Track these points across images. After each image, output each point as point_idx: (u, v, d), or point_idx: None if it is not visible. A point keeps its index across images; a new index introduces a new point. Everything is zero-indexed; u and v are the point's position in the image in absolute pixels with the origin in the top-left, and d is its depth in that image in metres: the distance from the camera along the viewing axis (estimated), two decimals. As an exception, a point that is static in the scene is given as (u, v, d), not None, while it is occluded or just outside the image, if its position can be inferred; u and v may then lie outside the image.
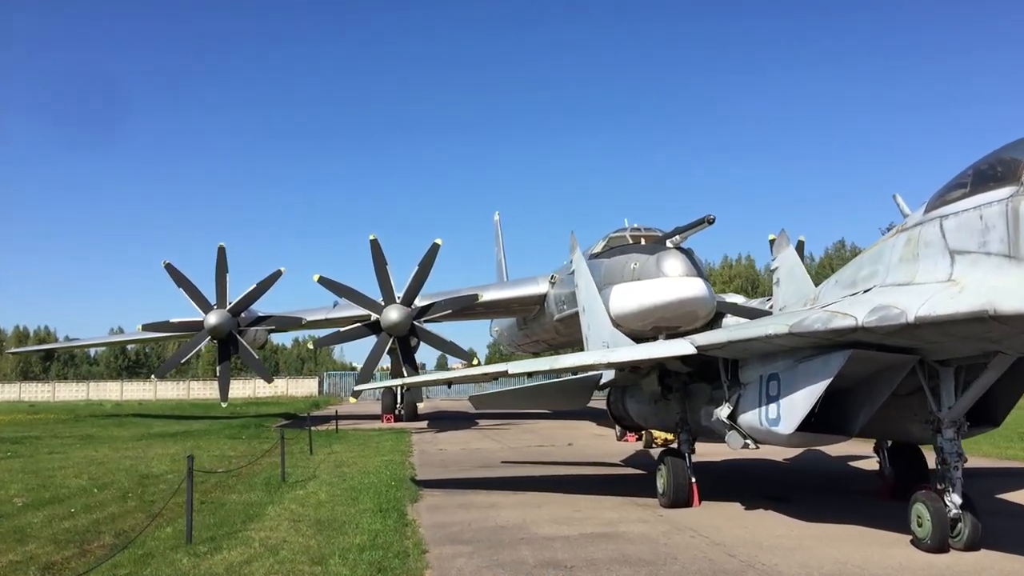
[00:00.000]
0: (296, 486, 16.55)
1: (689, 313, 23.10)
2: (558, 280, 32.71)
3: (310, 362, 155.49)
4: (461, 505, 14.04)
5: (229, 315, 34.50)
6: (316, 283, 32.23)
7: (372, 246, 32.74)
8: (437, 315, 33.08)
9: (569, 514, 12.86)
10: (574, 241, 20.84)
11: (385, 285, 32.84)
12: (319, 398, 71.51)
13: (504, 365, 13.53)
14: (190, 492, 11.14)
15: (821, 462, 19.87)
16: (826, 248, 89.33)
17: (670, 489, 12.99)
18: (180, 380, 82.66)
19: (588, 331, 18.45)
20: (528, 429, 32.81)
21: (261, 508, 13.82)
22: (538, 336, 39.66)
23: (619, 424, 18.51)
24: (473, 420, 40.15)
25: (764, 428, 11.03)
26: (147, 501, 15.03)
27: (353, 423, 36.49)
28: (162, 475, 18.86)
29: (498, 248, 63.20)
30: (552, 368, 13.34)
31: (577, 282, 19.59)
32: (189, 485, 11.11)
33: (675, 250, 23.66)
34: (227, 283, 35.08)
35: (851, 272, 10.71)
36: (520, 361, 14.33)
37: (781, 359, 10.68)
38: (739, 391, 11.80)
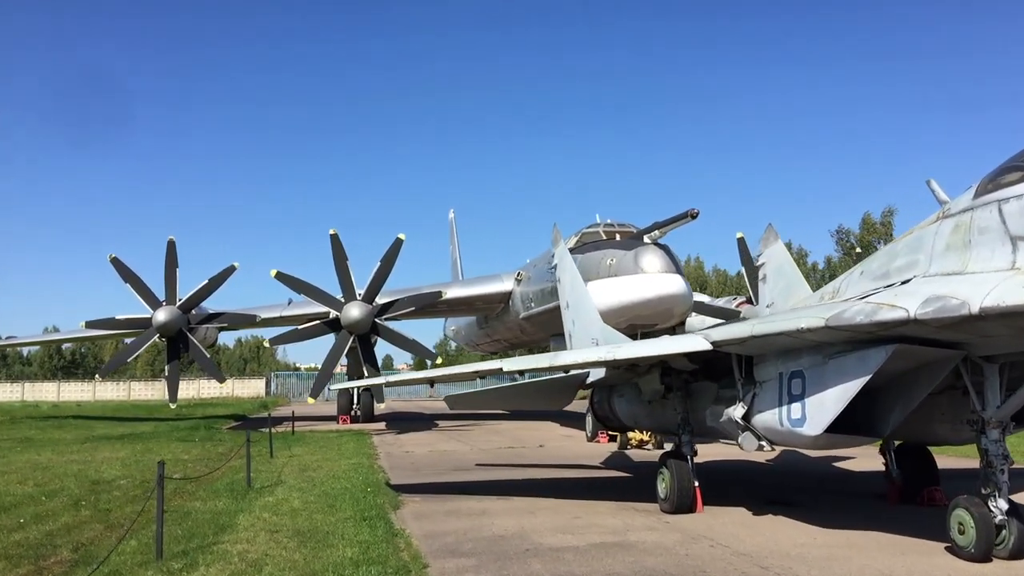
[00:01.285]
0: (264, 492, 15.47)
1: (667, 311, 22.48)
2: (525, 277, 31.90)
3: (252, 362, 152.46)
4: (449, 512, 13.12)
5: (179, 312, 32.92)
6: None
7: (332, 241, 31.50)
8: (399, 313, 31.95)
9: (568, 521, 12.04)
10: (557, 234, 20.02)
11: (345, 281, 31.61)
12: (267, 399, 69.57)
13: (498, 362, 12.70)
14: (160, 503, 10.04)
15: (805, 464, 19.40)
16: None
17: (673, 494, 12.24)
18: (120, 381, 79.73)
19: (572, 328, 17.65)
20: (492, 430, 31.93)
21: (231, 517, 12.74)
22: (500, 335, 38.76)
23: (604, 425, 17.76)
24: (432, 421, 39.20)
25: (785, 429, 10.33)
26: (102, 510, 13.83)
27: (308, 424, 35.21)
28: (114, 481, 17.58)
29: (453, 247, 62.23)
30: (552, 365, 12.53)
31: (560, 277, 18.78)
32: (160, 495, 10.01)
33: (653, 246, 23.02)
34: (177, 278, 33.49)
35: (882, 262, 10.05)
36: (514, 359, 13.53)
37: (806, 355, 9.99)
38: (754, 390, 11.09)
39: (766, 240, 17.60)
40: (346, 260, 31.62)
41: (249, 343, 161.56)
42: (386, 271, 31.37)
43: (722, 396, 12.17)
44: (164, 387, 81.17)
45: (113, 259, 33.42)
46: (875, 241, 66.67)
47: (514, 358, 15.90)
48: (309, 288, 31.71)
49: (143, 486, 16.65)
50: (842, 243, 71.76)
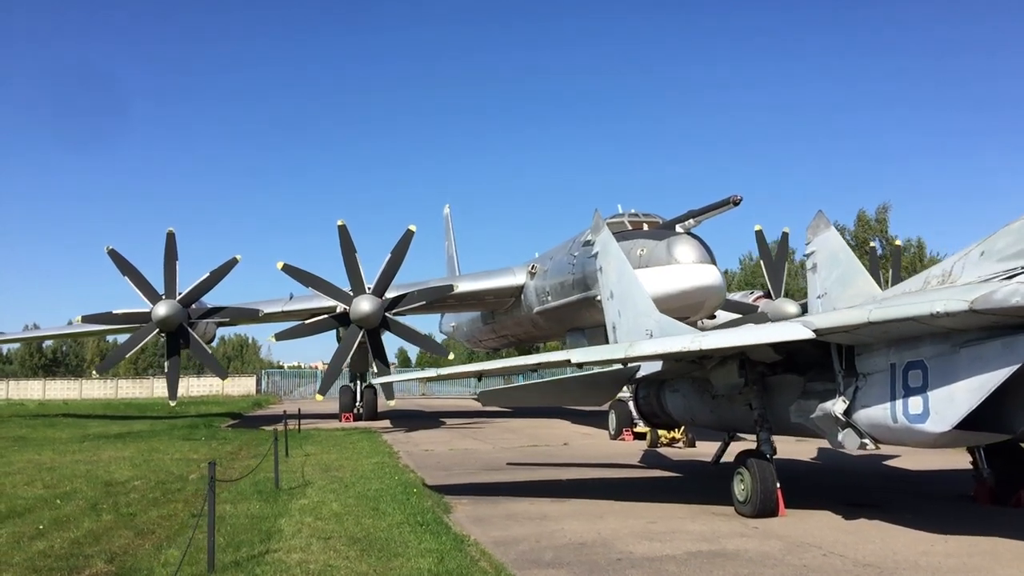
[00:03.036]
0: (295, 494, 14.43)
1: (700, 303, 21.57)
2: (539, 271, 30.87)
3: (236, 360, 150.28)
4: (508, 516, 12.13)
5: (179, 306, 31.68)
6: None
7: (340, 232, 30.35)
8: (410, 307, 30.84)
9: (645, 526, 11.08)
10: (599, 220, 18.96)
11: (354, 274, 30.47)
12: (259, 396, 68.23)
13: (564, 353, 11.75)
14: (212, 509, 8.97)
15: (848, 461, 18.48)
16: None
17: (756, 496, 11.28)
18: (107, 378, 77.97)
19: (618, 319, 16.65)
20: (504, 428, 30.88)
21: (271, 522, 11.71)
22: (508, 331, 37.74)
23: (648, 422, 16.80)
24: (436, 419, 38.11)
25: (900, 426, 9.39)
26: (124, 514, 12.74)
27: (310, 422, 34.07)
28: (128, 482, 16.45)
29: (449, 242, 61.11)
30: (627, 356, 11.56)
31: (601, 265, 17.76)
32: (211, 500, 8.95)
33: (687, 235, 22.11)
34: (177, 271, 32.26)
35: (1009, 242, 9.08)
36: (582, 350, 12.62)
37: (928, 344, 9.06)
38: (856, 383, 10.16)
39: (815, 228, 16.69)
40: (355, 252, 30.49)
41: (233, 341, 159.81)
42: (397, 263, 30.28)
43: (811, 390, 11.23)
44: (152, 385, 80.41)
45: (110, 251, 32.16)
46: (871, 238, 66.05)
47: (581, 349, 14.91)
48: (317, 281, 30.56)
49: (160, 488, 15.60)
50: (838, 240, 71.15)
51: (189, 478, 17.14)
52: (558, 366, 12.38)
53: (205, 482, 16.26)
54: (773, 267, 31.77)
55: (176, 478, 17.07)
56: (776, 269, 31.77)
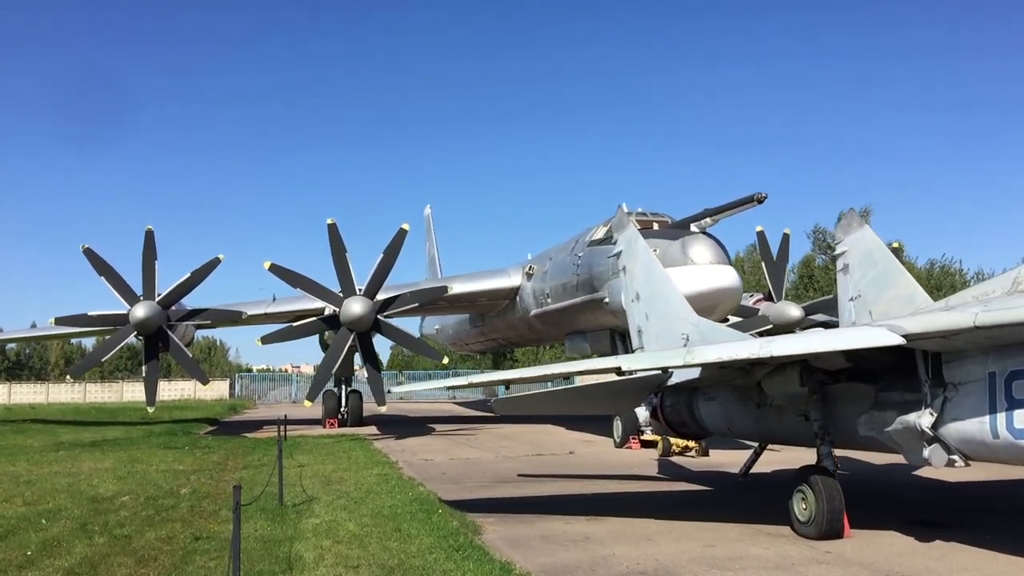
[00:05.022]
0: (302, 512, 13.28)
1: (716, 305, 20.63)
2: (537, 271, 29.81)
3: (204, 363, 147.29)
4: (546, 538, 11.08)
5: (159, 308, 30.19)
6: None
7: (330, 231, 29.08)
8: (402, 309, 29.60)
9: (703, 550, 10.09)
10: (623, 216, 17.90)
11: (345, 275, 29.18)
12: (234, 401, 66.50)
13: (614, 360, 10.76)
14: (237, 540, 7.79)
15: (881, 473, 17.64)
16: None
17: (822, 517, 10.32)
18: (75, 383, 75.55)
19: (645, 323, 15.62)
20: (500, 435, 29.81)
21: (287, 547, 10.57)
22: (499, 334, 36.64)
23: (675, 432, 15.80)
24: (424, 424, 37.02)
25: (1002, 441, 8.47)
26: (119, 536, 11.53)
27: (294, 429, 32.77)
28: (114, 498, 15.16)
29: (430, 243, 59.96)
30: (687, 363, 10.58)
31: (626, 265, 16.75)
32: (236, 527, 7.77)
33: (702, 235, 21.19)
34: (155, 271, 30.79)
35: None
36: (635, 356, 11.68)
37: (1038, 350, 8.18)
38: (945, 393, 9.24)
39: (846, 226, 15.82)
40: (345, 252, 29.22)
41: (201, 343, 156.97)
42: (389, 264, 29.04)
43: (885, 400, 10.29)
44: (121, 388, 78.25)
45: (86, 250, 30.61)
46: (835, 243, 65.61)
47: (634, 355, 13.94)
48: (306, 282, 29.26)
49: (151, 504, 14.35)
50: (819, 243, 70.99)
51: (180, 492, 15.90)
52: (605, 373, 11.40)
53: (199, 498, 15.28)
54: (774, 269, 31.02)
55: (166, 493, 15.82)
56: (777, 271, 31.03)
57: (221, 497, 15.15)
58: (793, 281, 62.63)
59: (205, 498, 15.10)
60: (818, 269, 67.68)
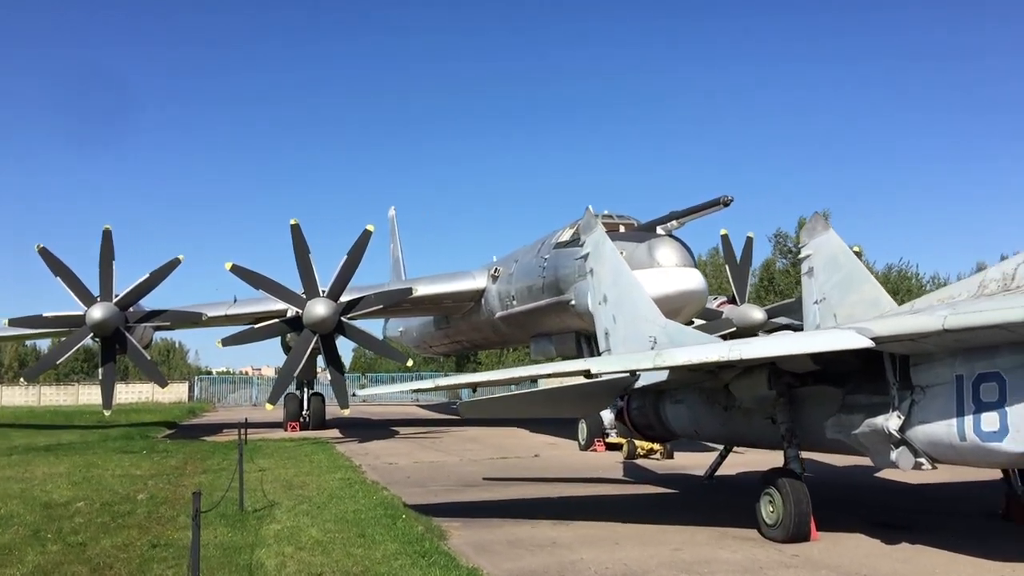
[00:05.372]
0: (263, 518, 13.01)
1: (682, 308, 20.64)
2: (503, 274, 29.67)
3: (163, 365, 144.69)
4: (511, 543, 10.96)
5: (116, 309, 29.51)
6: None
7: (293, 231, 28.68)
8: (366, 311, 29.27)
9: (672, 555, 10.02)
10: (590, 217, 17.82)
11: (308, 276, 28.78)
12: (193, 404, 65.48)
13: (582, 363, 10.65)
14: (196, 546, 7.55)
15: (843, 476, 17.74)
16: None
17: (788, 519, 10.31)
18: (28, 385, 73.87)
19: (613, 325, 15.56)
20: (464, 437, 29.62)
21: (248, 554, 10.34)
22: (464, 336, 36.44)
23: (641, 435, 15.76)
24: (387, 427, 36.72)
25: (969, 444, 8.51)
26: (73, 544, 11.21)
27: (254, 432, 32.27)
28: (69, 504, 14.76)
29: (394, 245, 59.48)
30: (656, 366, 10.51)
31: (592, 267, 16.68)
32: (195, 535, 7.53)
33: (668, 237, 21.21)
34: (113, 272, 30.12)
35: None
36: (604, 359, 11.59)
37: (1007, 354, 8.19)
38: (912, 396, 9.26)
39: (811, 230, 15.94)
40: (308, 253, 28.85)
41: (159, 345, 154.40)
42: (353, 265, 28.70)
43: (852, 403, 10.30)
44: (77, 391, 76.66)
45: (41, 249, 29.85)
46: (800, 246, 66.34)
47: (603, 357, 13.85)
48: (269, 283, 28.82)
49: (107, 511, 13.99)
50: (780, 247, 71.72)
51: (137, 498, 15.53)
52: (574, 375, 11.29)
53: (156, 503, 14.93)
54: (738, 272, 31.21)
55: (123, 498, 15.44)
56: (741, 274, 31.22)
57: (179, 503, 14.84)
58: (754, 284, 63.16)
59: (163, 504, 14.77)
60: (779, 273, 68.38)
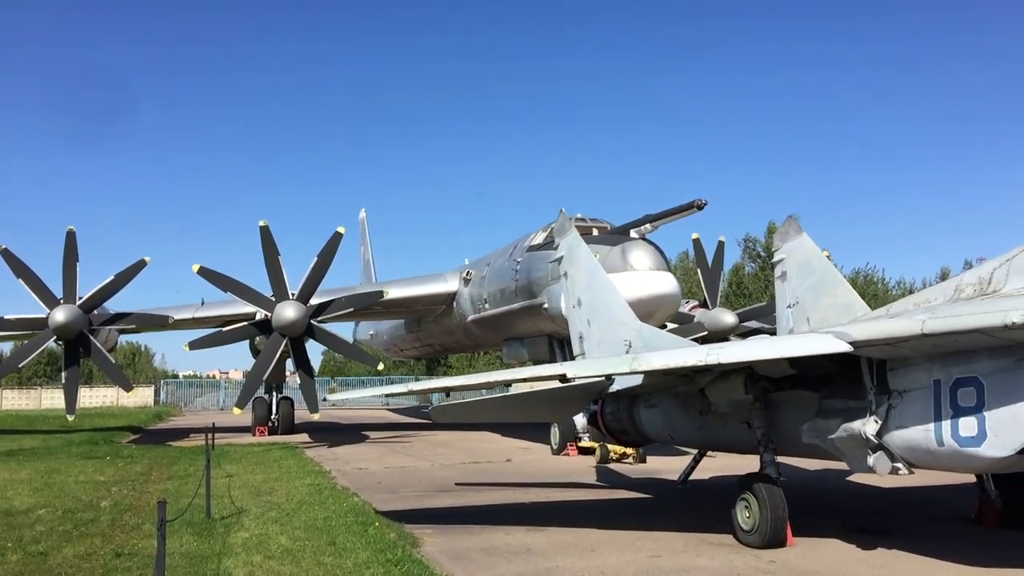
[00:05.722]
0: (230, 525, 12.73)
1: (656, 311, 20.58)
2: (475, 277, 29.49)
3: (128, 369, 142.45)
4: (486, 550, 10.79)
5: (80, 311, 28.96)
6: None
7: (262, 233, 28.31)
8: (336, 314, 28.96)
9: (650, 562, 9.91)
10: (564, 220, 17.70)
11: (277, 279, 28.41)
12: (159, 408, 64.56)
13: (559, 367, 10.52)
14: (161, 555, 7.32)
15: (817, 480, 17.76)
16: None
17: (765, 525, 10.23)
18: (-15, 389, 72.49)
19: (587, 329, 15.45)
20: (434, 442, 29.37)
21: (215, 563, 10.08)
22: (436, 339, 36.21)
23: (615, 440, 15.66)
24: (357, 432, 36.35)
25: (947, 449, 8.49)
26: (34, 553, 10.89)
27: (221, 437, 31.76)
28: (30, 511, 14.39)
29: (364, 247, 59.09)
30: (633, 370, 10.41)
31: (567, 270, 16.56)
32: (161, 544, 7.29)
33: (642, 241, 21.16)
34: (77, 274, 29.56)
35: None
36: (581, 363, 11.46)
37: (985, 359, 8.18)
38: (890, 401, 9.23)
39: (784, 234, 15.96)
40: (278, 255, 28.49)
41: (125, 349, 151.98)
42: (323, 268, 28.38)
43: (829, 408, 10.27)
44: (40, 395, 75.35)
45: (3, 251, 29.22)
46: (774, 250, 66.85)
47: (580, 362, 13.72)
48: (237, 286, 28.42)
49: (70, 518, 13.63)
50: (749, 251, 72.22)
51: (101, 505, 15.17)
52: (550, 380, 11.16)
53: (120, 511, 14.58)
54: (709, 276, 31.31)
55: (86, 506, 15.07)
56: (712, 278, 31.33)
57: (144, 510, 14.51)
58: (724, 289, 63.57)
59: (127, 511, 14.44)
60: (748, 277, 68.90)
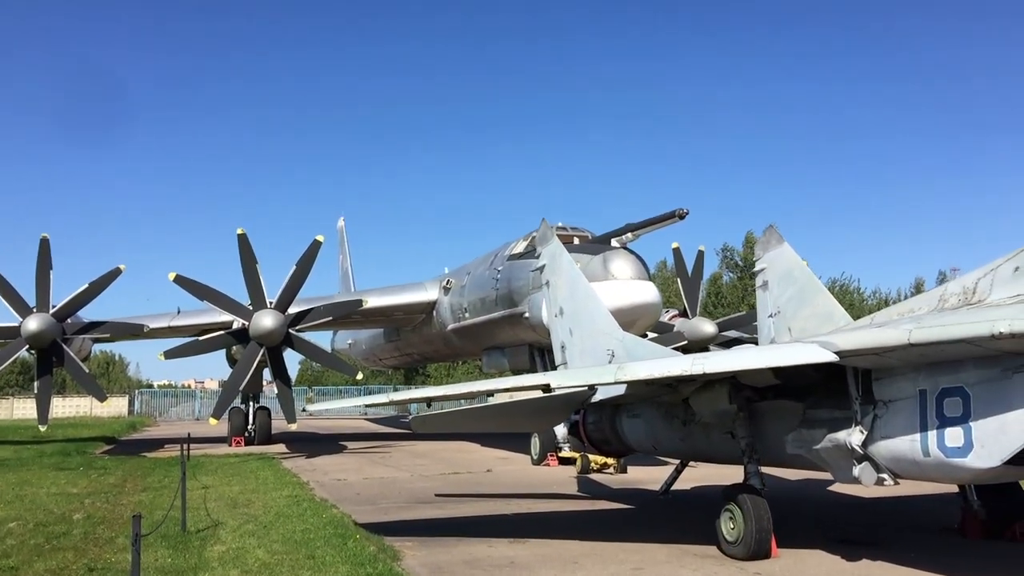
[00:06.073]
0: (206, 538, 12.49)
1: (637, 320, 20.53)
2: (455, 286, 29.33)
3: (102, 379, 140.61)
4: (469, 563, 10.63)
5: (53, 320, 28.49)
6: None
7: (240, 241, 28.02)
8: (315, 323, 28.72)
9: (632, 574, 9.80)
10: (547, 229, 17.62)
11: (255, 287, 28.12)
12: (133, 418, 63.74)
13: (542, 377, 10.40)
14: (136, 572, 7.12)
15: (799, 490, 17.74)
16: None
17: (750, 536, 10.14)
18: (-42, 399, 71.40)
19: (569, 338, 15.35)
20: (413, 452, 29.21)
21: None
22: (415, 348, 35.99)
23: (597, 450, 15.55)
24: (334, 442, 36.09)
25: (933, 460, 8.44)
26: (4, 568, 10.68)
27: (197, 447, 31.36)
28: (1, 524, 14.09)
29: (343, 256, 58.70)
30: (618, 380, 10.28)
31: (549, 279, 16.45)
32: (136, 560, 7.09)
33: (623, 250, 21.12)
34: (51, 282, 29.10)
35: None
36: (566, 373, 11.33)
37: (972, 369, 8.14)
38: (875, 411, 9.18)
39: (766, 243, 15.97)
40: (256, 263, 28.22)
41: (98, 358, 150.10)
42: (302, 277, 28.15)
43: (813, 418, 10.21)
44: (11, 405, 74.28)
45: (-27, 258, 28.84)
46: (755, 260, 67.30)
47: (564, 371, 13.59)
48: (214, 294, 28.11)
49: (41, 531, 13.35)
50: (727, 261, 72.59)
51: (73, 518, 14.86)
52: (533, 390, 11.03)
53: (94, 524, 14.28)
54: (689, 286, 31.35)
55: (58, 518, 14.76)
56: (692, 288, 31.37)
57: (118, 523, 14.25)
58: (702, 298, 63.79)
59: (101, 524, 14.16)
60: (726, 286, 69.29)
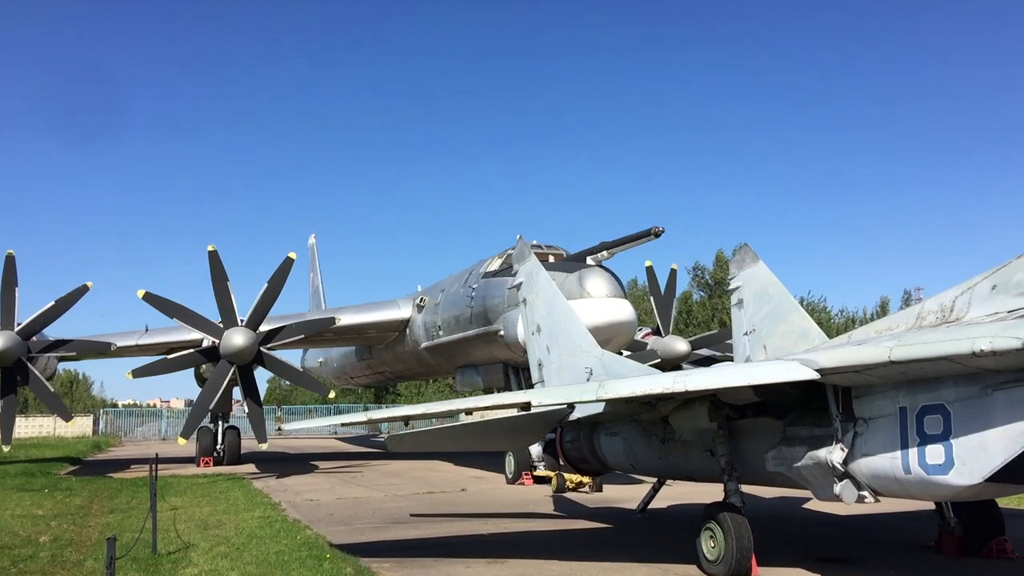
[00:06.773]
0: (177, 561, 12.23)
1: (612, 338, 20.51)
2: (429, 304, 29.17)
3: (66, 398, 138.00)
4: (446, 585, 10.50)
5: (18, 338, 27.93)
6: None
7: (211, 258, 27.66)
8: (287, 341, 28.39)
9: (614, 594, 9.72)
10: (523, 246, 17.53)
11: (226, 305, 27.75)
12: (98, 438, 62.53)
13: (522, 394, 10.31)
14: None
15: (774, 507, 17.79)
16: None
17: (730, 555, 10.09)
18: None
19: (547, 356, 15.29)
20: (386, 472, 28.93)
21: (163, 603, 9.62)
22: (388, 367, 35.68)
23: (575, 468, 15.46)
24: (305, 462, 35.67)
25: (914, 477, 8.46)
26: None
27: (164, 468, 30.80)
28: (-34, 547, 13.70)
29: (314, 274, 58.33)
30: (599, 397, 10.19)
31: (526, 297, 16.40)
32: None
33: (598, 268, 21.13)
34: (16, 299, 28.56)
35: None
36: (547, 390, 11.27)
37: (951, 386, 8.18)
38: (855, 429, 9.20)
39: (740, 261, 16.03)
40: (227, 280, 27.85)
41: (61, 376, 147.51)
42: (274, 294, 27.80)
43: (793, 436, 10.22)
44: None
45: (-65, 274, 28.20)
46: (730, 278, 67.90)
47: (544, 389, 13.50)
48: (184, 312, 27.70)
49: (6, 554, 13.09)
50: (697, 280, 73.09)
51: (40, 540, 14.50)
52: (514, 407, 10.94)
53: (60, 546, 13.94)
54: (662, 304, 31.42)
55: (24, 541, 14.39)
56: (665, 305, 31.45)
57: (86, 545, 13.96)
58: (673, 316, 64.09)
59: (68, 546, 13.85)
60: (696, 305, 69.68)
